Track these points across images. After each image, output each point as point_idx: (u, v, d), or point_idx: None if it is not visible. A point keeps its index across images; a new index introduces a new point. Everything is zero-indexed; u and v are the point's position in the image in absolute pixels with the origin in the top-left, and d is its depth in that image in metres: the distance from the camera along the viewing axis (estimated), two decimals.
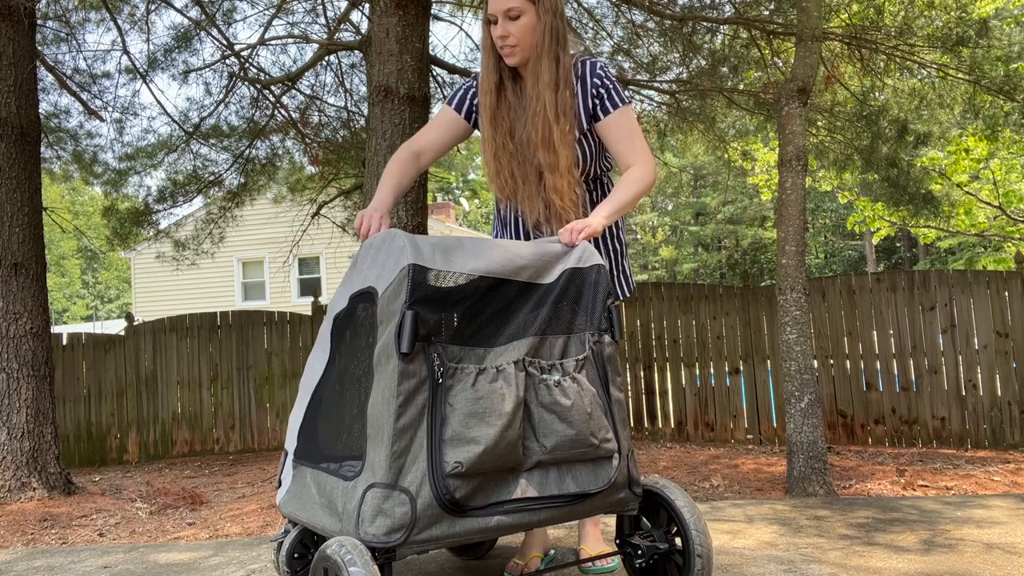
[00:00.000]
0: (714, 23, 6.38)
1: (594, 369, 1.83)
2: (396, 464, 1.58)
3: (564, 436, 1.71)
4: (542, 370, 1.73)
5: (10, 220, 5.25)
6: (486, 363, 1.68)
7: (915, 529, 2.85)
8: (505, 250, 1.79)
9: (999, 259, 14.47)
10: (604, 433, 1.77)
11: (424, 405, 1.62)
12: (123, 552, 3.26)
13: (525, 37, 2.16)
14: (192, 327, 7.87)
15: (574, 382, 1.75)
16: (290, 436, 2.04)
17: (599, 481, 1.77)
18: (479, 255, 1.75)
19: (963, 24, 5.87)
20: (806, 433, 3.93)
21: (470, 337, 1.70)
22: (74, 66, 7.52)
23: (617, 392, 1.86)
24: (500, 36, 2.16)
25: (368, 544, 1.56)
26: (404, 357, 1.61)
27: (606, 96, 2.21)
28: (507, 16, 2.14)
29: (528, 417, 1.71)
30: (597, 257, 1.91)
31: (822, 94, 6.58)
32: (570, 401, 1.72)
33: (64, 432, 7.73)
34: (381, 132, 4.81)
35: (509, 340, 1.73)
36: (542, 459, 1.71)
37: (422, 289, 1.65)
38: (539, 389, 1.72)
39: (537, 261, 1.82)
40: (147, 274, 18.96)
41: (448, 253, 1.72)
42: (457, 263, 1.71)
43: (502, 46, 2.18)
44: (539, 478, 1.71)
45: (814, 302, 6.24)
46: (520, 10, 2.14)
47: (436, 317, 1.67)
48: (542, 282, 1.82)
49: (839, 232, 30.37)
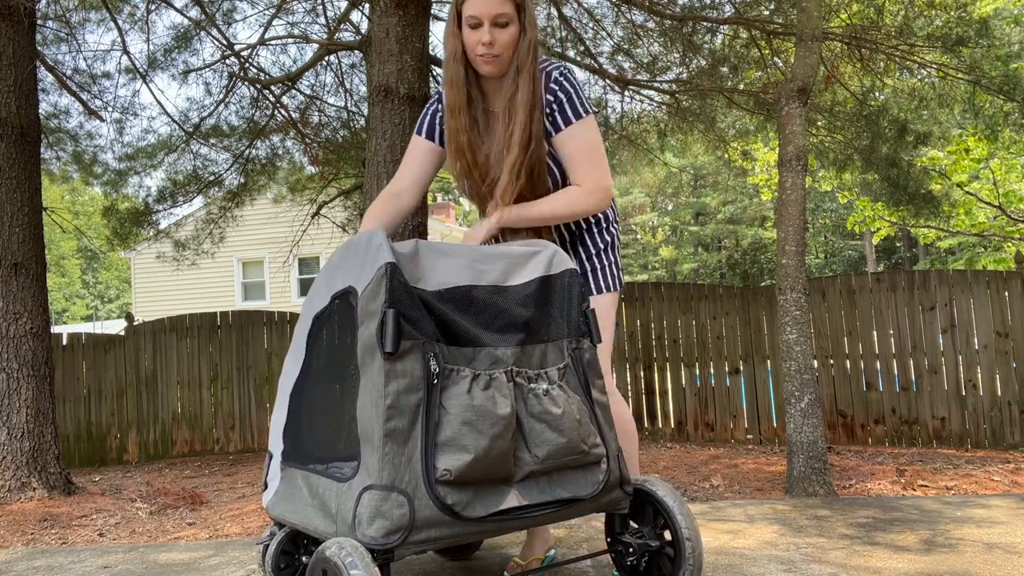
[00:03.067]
0: (714, 23, 6.38)
1: (575, 376, 1.82)
2: (391, 465, 1.56)
3: (556, 445, 1.70)
4: (529, 379, 1.73)
5: (10, 220, 5.25)
6: (476, 368, 1.68)
7: (915, 529, 2.85)
8: (460, 257, 1.78)
9: (999, 259, 14.47)
10: (593, 439, 1.77)
11: (418, 406, 1.59)
12: (123, 552, 3.26)
13: (508, 48, 2.04)
14: (192, 327, 7.87)
15: (561, 390, 1.75)
16: (274, 438, 2.03)
17: (590, 486, 1.78)
18: (436, 267, 1.74)
19: (963, 24, 5.87)
20: (806, 433, 3.93)
21: (454, 339, 1.69)
22: (74, 66, 7.53)
23: (600, 395, 1.86)
24: (485, 43, 2.01)
25: (366, 546, 1.55)
26: (390, 357, 1.58)
27: (558, 109, 2.08)
28: (495, 22, 2.02)
29: (519, 428, 1.69)
30: (567, 262, 1.89)
31: (822, 94, 6.58)
32: (560, 410, 1.71)
33: (64, 432, 7.73)
34: (381, 132, 4.81)
35: (491, 345, 1.72)
36: (534, 469, 1.70)
37: (402, 289, 1.63)
38: (528, 399, 1.71)
39: (498, 262, 1.82)
40: (147, 274, 18.96)
41: (413, 263, 1.72)
42: (417, 275, 1.71)
43: (483, 54, 2.03)
44: (531, 487, 1.71)
45: (814, 302, 6.24)
46: (509, 18, 2.03)
47: (422, 316, 1.65)
48: (510, 284, 1.81)
49: (839, 232, 30.38)
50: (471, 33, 2.04)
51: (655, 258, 35.93)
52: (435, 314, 1.68)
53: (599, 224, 2.27)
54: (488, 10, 2.00)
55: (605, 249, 2.26)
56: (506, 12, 2.01)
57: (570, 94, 2.09)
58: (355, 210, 8.20)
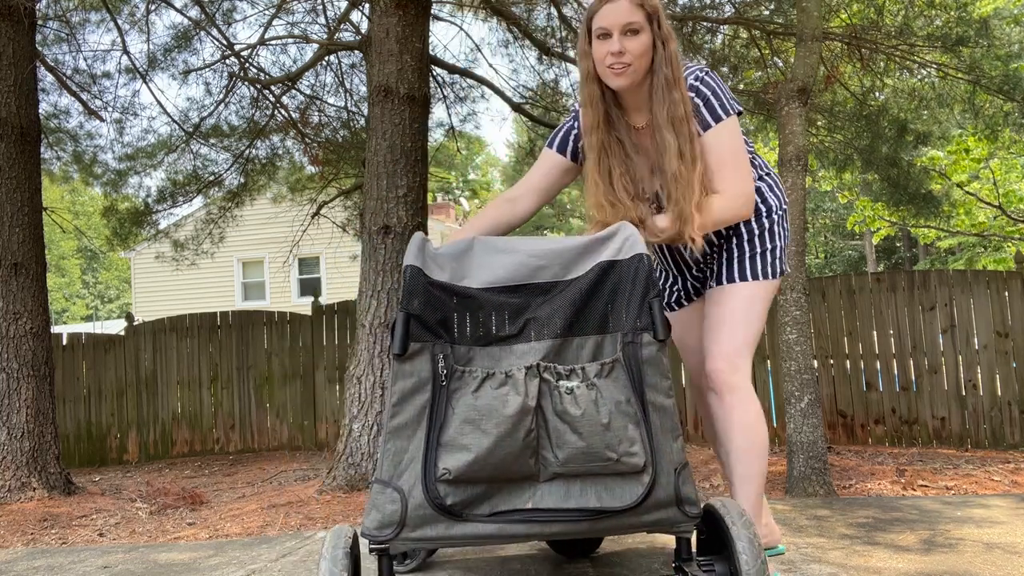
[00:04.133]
0: (714, 23, 6.38)
1: (626, 373, 1.64)
2: (393, 462, 1.61)
3: (575, 448, 1.58)
4: (558, 376, 1.62)
5: (10, 220, 5.25)
6: (499, 366, 1.65)
7: (915, 529, 2.85)
8: (516, 254, 1.74)
9: (999, 259, 14.47)
10: (626, 446, 1.59)
11: (424, 406, 1.62)
12: (123, 552, 3.26)
13: (640, 57, 1.97)
14: (192, 327, 7.86)
15: (591, 389, 1.61)
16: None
17: (624, 499, 1.61)
18: (486, 264, 1.74)
19: (963, 24, 5.88)
20: (806, 433, 3.92)
21: (482, 338, 1.68)
22: (74, 66, 7.52)
23: (658, 397, 1.66)
24: (615, 52, 1.95)
25: (364, 536, 1.61)
26: (397, 357, 1.62)
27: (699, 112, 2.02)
28: (625, 31, 1.95)
29: (545, 426, 1.61)
30: (640, 246, 1.74)
31: (822, 94, 6.58)
32: (580, 411, 1.59)
33: (64, 432, 7.72)
34: (381, 132, 4.81)
35: (527, 341, 1.67)
36: (558, 471, 1.61)
37: (420, 291, 1.66)
38: (554, 396, 1.60)
39: (559, 258, 1.74)
40: (147, 274, 18.95)
41: (458, 261, 1.73)
42: (462, 274, 1.72)
43: (613, 63, 1.96)
44: (557, 490, 1.62)
45: (814, 302, 6.23)
46: (640, 26, 1.96)
47: (441, 317, 1.67)
48: (568, 278, 1.72)
49: (839, 232, 30.36)
50: (600, 45, 1.99)
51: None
52: (471, 311, 1.69)
53: (758, 213, 2.13)
54: (616, 19, 1.95)
55: (761, 233, 2.12)
56: (636, 21, 1.96)
57: (707, 97, 2.03)
58: (355, 210, 8.20)
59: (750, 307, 2.07)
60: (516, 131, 26.25)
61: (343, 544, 1.59)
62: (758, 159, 2.20)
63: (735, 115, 2.04)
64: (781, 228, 2.14)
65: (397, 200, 4.76)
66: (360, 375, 4.64)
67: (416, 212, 4.84)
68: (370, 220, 4.79)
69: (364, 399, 4.60)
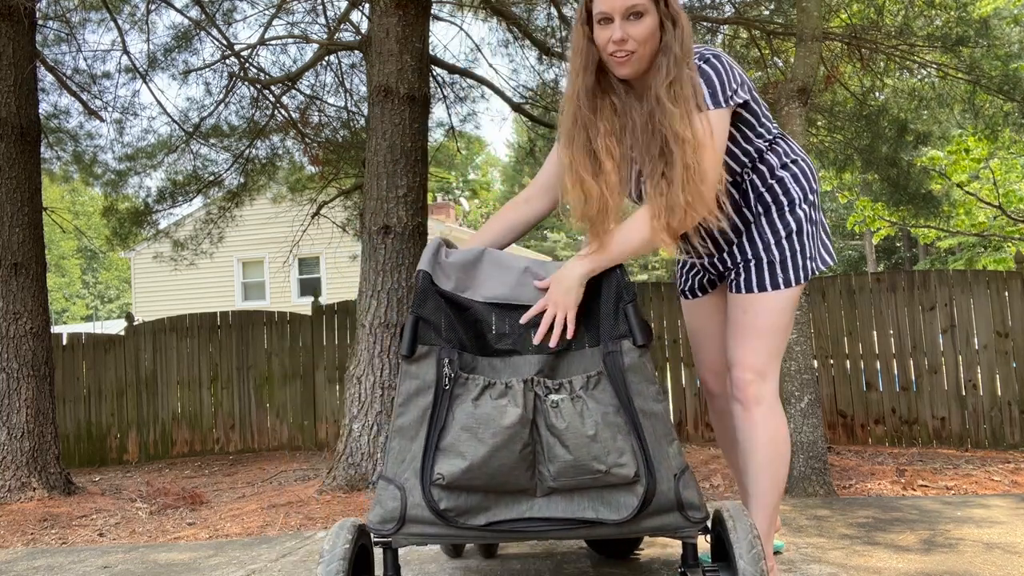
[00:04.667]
0: (714, 23, 6.38)
1: (611, 383, 1.65)
2: (396, 460, 1.64)
3: (564, 462, 1.59)
4: (548, 390, 1.63)
5: (10, 220, 5.25)
6: (499, 377, 1.66)
7: (915, 529, 2.85)
8: (519, 272, 1.78)
9: (999, 259, 14.47)
10: (615, 457, 1.59)
11: (426, 409, 1.64)
12: (123, 552, 3.26)
13: (645, 43, 1.79)
14: (192, 327, 7.86)
15: (576, 401, 1.61)
16: None
17: (621, 510, 1.60)
18: (493, 277, 1.78)
19: (963, 24, 5.88)
20: (806, 433, 3.93)
21: (483, 348, 1.72)
22: (74, 66, 7.52)
23: (649, 404, 1.65)
24: (617, 40, 1.77)
25: (368, 529, 1.66)
26: (405, 359, 1.67)
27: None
28: (628, 14, 1.77)
29: (540, 440, 1.62)
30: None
31: (822, 94, 6.58)
32: (564, 424, 1.59)
33: (64, 432, 7.72)
34: (381, 132, 4.81)
35: (524, 354, 1.70)
36: (553, 486, 1.61)
37: (429, 297, 1.70)
38: (544, 411, 1.62)
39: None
40: (147, 274, 18.95)
41: (465, 272, 1.77)
42: (467, 285, 1.75)
43: (615, 51, 1.79)
44: (552, 504, 1.63)
45: (814, 302, 6.23)
46: (644, 7, 1.77)
47: (448, 323, 1.70)
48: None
49: (839, 232, 30.37)
50: (601, 31, 1.81)
51: (655, 258, 35.92)
52: (473, 322, 1.72)
53: (780, 207, 1.97)
54: (617, 3, 1.76)
55: (788, 236, 1.96)
56: (639, 2, 1.76)
57: (703, 79, 1.83)
58: (355, 210, 8.20)
59: (779, 318, 1.97)
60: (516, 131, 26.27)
61: (343, 541, 1.60)
62: (782, 144, 2.02)
63: (725, 108, 1.83)
64: (810, 224, 1.98)
65: (397, 200, 4.76)
66: (360, 375, 4.64)
67: (416, 212, 4.84)
68: (370, 220, 4.79)
69: (364, 399, 4.60)
